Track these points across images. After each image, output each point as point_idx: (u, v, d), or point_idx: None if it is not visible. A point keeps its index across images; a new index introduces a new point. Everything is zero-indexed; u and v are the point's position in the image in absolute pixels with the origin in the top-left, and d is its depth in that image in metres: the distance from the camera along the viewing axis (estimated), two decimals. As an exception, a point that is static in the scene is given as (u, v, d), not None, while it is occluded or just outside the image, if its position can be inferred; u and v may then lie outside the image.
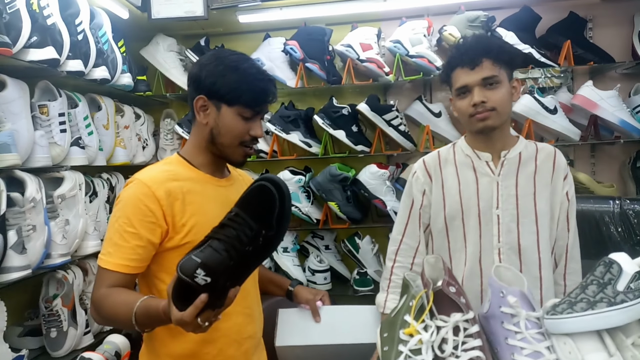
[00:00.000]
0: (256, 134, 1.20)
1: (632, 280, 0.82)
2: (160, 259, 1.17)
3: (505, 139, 1.40)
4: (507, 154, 1.39)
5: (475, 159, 1.42)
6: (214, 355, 1.19)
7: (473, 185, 1.40)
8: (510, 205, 1.36)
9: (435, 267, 1.06)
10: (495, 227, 1.37)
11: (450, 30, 2.33)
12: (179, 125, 2.52)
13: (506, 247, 1.36)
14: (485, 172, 1.40)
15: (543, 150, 1.42)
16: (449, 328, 0.88)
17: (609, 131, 2.38)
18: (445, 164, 1.46)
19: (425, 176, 1.48)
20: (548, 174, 1.39)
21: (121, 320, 1.07)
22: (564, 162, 1.42)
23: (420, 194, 1.48)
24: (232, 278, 0.86)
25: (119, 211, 1.14)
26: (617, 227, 2.04)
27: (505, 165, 1.38)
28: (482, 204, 1.38)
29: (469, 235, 1.40)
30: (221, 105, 1.18)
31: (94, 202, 2.01)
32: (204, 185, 1.22)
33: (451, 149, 1.48)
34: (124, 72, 2.22)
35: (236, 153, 1.21)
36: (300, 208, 2.44)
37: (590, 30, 2.45)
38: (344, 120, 2.40)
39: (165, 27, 2.49)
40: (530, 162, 1.40)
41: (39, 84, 1.82)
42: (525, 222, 1.36)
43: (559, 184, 1.39)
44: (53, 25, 1.74)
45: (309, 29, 2.45)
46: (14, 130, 1.61)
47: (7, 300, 1.59)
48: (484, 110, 1.31)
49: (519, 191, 1.37)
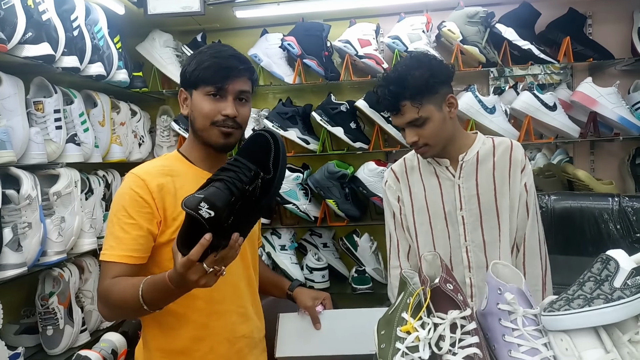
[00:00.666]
0: (226, 112, 1.17)
1: (629, 276, 0.81)
2: (154, 254, 1.17)
3: (459, 144, 1.45)
4: (465, 156, 1.44)
5: (436, 165, 1.48)
6: (205, 352, 1.19)
7: (437, 190, 1.46)
8: (473, 206, 1.43)
9: (432, 264, 1.05)
10: (461, 227, 1.44)
11: (450, 26, 2.32)
12: (175, 121, 2.51)
13: (472, 244, 1.44)
14: (446, 177, 1.46)
15: (500, 146, 1.46)
16: (446, 325, 0.88)
17: (608, 128, 2.37)
18: (411, 172, 1.53)
19: (396, 183, 1.54)
20: (505, 168, 1.43)
21: (129, 304, 1.05)
22: (520, 154, 1.45)
23: (396, 200, 1.55)
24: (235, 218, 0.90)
25: (116, 205, 1.15)
26: (615, 224, 2.03)
27: (464, 167, 1.44)
28: (447, 207, 1.45)
29: (437, 238, 1.47)
30: (191, 91, 1.21)
31: (89, 199, 2.00)
32: (200, 181, 1.19)
33: (415, 156, 1.53)
34: (120, 68, 2.21)
35: (212, 134, 1.19)
36: (298, 205, 2.43)
37: (590, 27, 2.44)
38: (342, 117, 2.39)
39: (162, 22, 2.48)
40: (488, 160, 1.44)
41: (34, 80, 1.81)
42: (487, 218, 1.43)
43: (517, 177, 1.43)
44: (48, 21, 1.73)
45: (307, 25, 2.43)
46: (9, 127, 1.60)
47: (3, 297, 1.58)
48: (417, 147, 1.40)
49: (480, 190, 1.43)
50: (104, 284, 1.10)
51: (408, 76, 1.33)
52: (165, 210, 1.15)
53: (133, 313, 1.17)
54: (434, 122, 1.36)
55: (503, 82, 2.58)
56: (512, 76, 2.57)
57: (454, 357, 0.84)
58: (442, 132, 1.39)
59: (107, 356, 1.85)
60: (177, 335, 1.18)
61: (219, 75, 1.17)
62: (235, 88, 1.19)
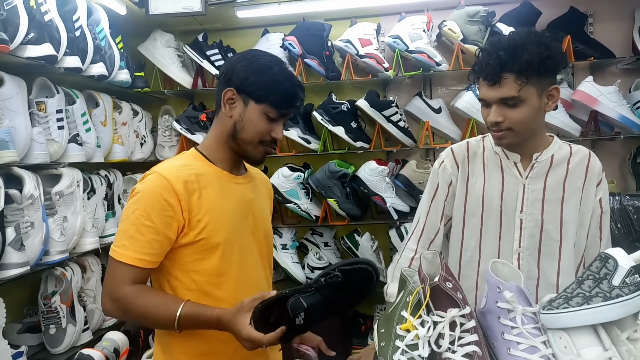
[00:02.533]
0: (277, 135, 1.20)
1: (628, 275, 0.81)
2: (174, 256, 1.15)
3: (537, 141, 1.31)
4: (539, 156, 1.31)
5: (503, 157, 1.34)
6: (230, 354, 1.18)
7: (498, 185, 1.33)
8: (536, 210, 1.30)
9: (432, 263, 1.05)
10: (517, 231, 1.31)
11: (450, 25, 2.33)
12: (177, 121, 2.51)
13: (526, 252, 1.31)
14: (512, 173, 1.32)
15: (577, 154, 1.33)
16: (446, 323, 0.88)
17: (609, 127, 2.37)
18: (473, 158, 1.38)
19: (453, 167, 1.39)
20: (580, 178, 1.31)
21: (158, 321, 1.10)
22: (598, 166, 1.33)
23: (447, 184, 1.40)
24: None
25: (136, 203, 1.12)
26: (616, 223, 2.04)
27: (535, 168, 1.31)
28: (505, 206, 1.32)
29: (485, 236, 1.35)
30: (249, 101, 1.18)
31: (92, 199, 2.01)
32: (221, 181, 1.21)
33: (481, 142, 1.40)
34: (122, 68, 2.22)
35: (256, 151, 1.21)
36: (299, 205, 2.44)
37: (591, 26, 2.44)
38: (343, 117, 2.40)
39: (163, 23, 2.48)
40: (562, 166, 1.31)
41: (37, 81, 1.82)
42: (550, 228, 1.30)
43: (591, 190, 1.31)
44: (50, 21, 1.74)
45: (308, 25, 2.44)
46: (11, 127, 1.61)
47: (6, 297, 1.59)
48: (498, 130, 1.25)
49: (546, 196, 1.30)
50: (124, 291, 1.09)
51: (524, 49, 1.17)
52: (191, 211, 1.13)
53: (155, 326, 1.19)
54: (529, 108, 1.21)
55: (504, 81, 2.57)
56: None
57: (454, 355, 0.85)
58: (531, 122, 1.24)
59: (110, 355, 1.86)
60: (203, 338, 1.16)
61: (289, 104, 1.20)
62: (290, 115, 1.24)
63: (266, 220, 1.32)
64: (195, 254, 1.15)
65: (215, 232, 1.15)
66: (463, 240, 1.38)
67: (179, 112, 2.61)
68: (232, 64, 1.21)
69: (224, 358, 1.19)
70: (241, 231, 1.21)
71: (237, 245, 1.19)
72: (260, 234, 1.27)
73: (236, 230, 1.20)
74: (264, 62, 1.19)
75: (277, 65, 1.19)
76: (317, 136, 2.47)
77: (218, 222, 1.15)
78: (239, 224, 1.21)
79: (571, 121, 2.31)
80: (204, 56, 2.46)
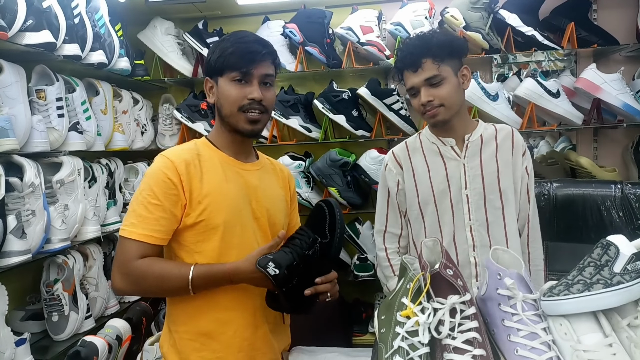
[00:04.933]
0: (252, 96, 1.20)
1: (629, 261, 0.81)
2: (179, 237, 1.19)
3: (465, 124, 1.49)
4: (470, 137, 1.48)
5: (440, 145, 1.50)
6: (230, 336, 1.21)
7: (442, 170, 1.48)
8: (477, 185, 1.46)
9: (433, 250, 1.05)
10: (465, 206, 1.46)
11: (452, 12, 2.30)
12: (177, 110, 2.50)
13: (476, 223, 1.46)
14: (451, 156, 1.48)
15: (502, 131, 1.51)
16: (446, 310, 0.88)
17: (612, 115, 2.36)
18: (413, 153, 1.54)
19: (396, 167, 1.55)
20: (508, 152, 1.48)
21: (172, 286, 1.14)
22: (521, 139, 1.51)
23: (396, 184, 1.56)
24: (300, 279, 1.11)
25: (144, 184, 1.18)
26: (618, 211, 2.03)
27: (470, 147, 1.47)
28: (452, 186, 1.47)
29: (442, 218, 1.48)
30: (217, 78, 1.23)
31: (93, 187, 2.01)
32: (225, 166, 1.24)
33: (417, 138, 1.56)
34: (122, 56, 2.20)
35: (239, 120, 1.22)
36: (300, 193, 2.43)
37: (595, 12, 2.42)
38: (344, 105, 2.38)
39: (163, 10, 2.46)
40: (491, 142, 1.48)
41: (36, 69, 1.81)
42: (491, 198, 1.45)
43: (518, 160, 1.48)
44: (49, 8, 1.72)
45: (309, 12, 2.41)
46: (11, 115, 1.60)
47: (9, 284, 1.60)
48: (431, 108, 1.40)
49: (484, 170, 1.46)
50: (134, 264, 1.12)
51: (432, 37, 1.41)
52: (192, 192, 1.17)
53: (170, 293, 1.21)
54: (450, 84, 1.39)
55: (506, 69, 2.56)
56: (516, 63, 2.55)
57: (453, 341, 0.85)
58: (456, 98, 1.42)
59: (112, 342, 1.87)
60: (202, 318, 1.20)
61: (243, 60, 1.19)
62: (260, 72, 1.21)
63: (275, 209, 1.32)
64: (197, 236, 1.18)
65: (215, 214, 1.18)
66: (425, 228, 1.51)
67: (180, 101, 2.60)
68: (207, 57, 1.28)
69: (225, 338, 1.21)
70: (243, 216, 1.22)
71: (238, 229, 1.21)
72: (264, 220, 1.27)
73: (237, 214, 1.21)
74: (220, 40, 1.25)
75: (230, 36, 1.24)
76: (318, 125, 2.46)
77: (218, 205, 1.18)
78: (241, 209, 1.22)
79: (574, 109, 2.29)
80: (204, 44, 2.44)
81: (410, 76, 1.42)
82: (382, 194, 1.59)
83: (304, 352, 1.55)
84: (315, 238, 1.13)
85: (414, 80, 1.41)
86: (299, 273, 1.10)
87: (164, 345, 1.26)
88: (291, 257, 1.09)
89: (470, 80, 1.48)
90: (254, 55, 1.20)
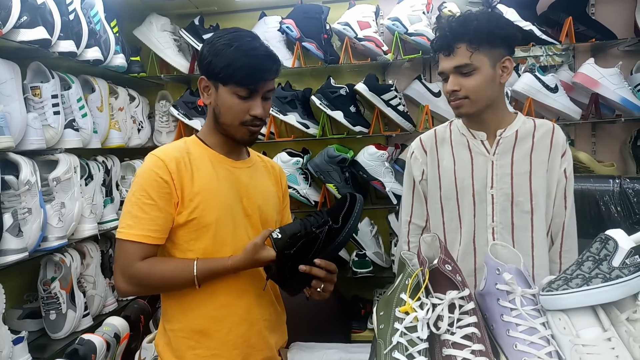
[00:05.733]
0: (256, 113, 1.17)
1: (628, 256, 0.81)
2: (172, 236, 1.19)
3: (499, 117, 1.37)
4: (503, 132, 1.37)
5: (470, 138, 1.40)
6: (225, 333, 1.21)
7: (468, 165, 1.39)
8: (505, 185, 1.35)
9: (431, 245, 1.05)
10: (489, 206, 1.37)
11: (450, 7, 2.29)
12: (174, 107, 2.49)
13: (500, 226, 1.36)
14: (480, 152, 1.38)
15: (541, 127, 1.39)
16: (445, 305, 0.88)
17: (610, 110, 2.35)
18: (441, 143, 1.45)
19: (422, 155, 1.47)
20: (545, 151, 1.36)
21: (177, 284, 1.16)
22: (562, 138, 1.38)
23: (420, 172, 1.48)
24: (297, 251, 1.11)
25: (135, 185, 1.16)
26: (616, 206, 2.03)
27: (501, 144, 1.37)
28: (477, 184, 1.37)
29: (463, 215, 1.39)
30: (218, 84, 1.17)
31: (89, 185, 2.00)
32: (216, 164, 1.23)
33: (447, 128, 1.47)
34: (117, 52, 2.19)
35: (239, 132, 1.20)
36: (298, 190, 2.43)
37: (593, 7, 2.41)
38: (342, 101, 2.37)
39: (159, 6, 2.45)
40: (527, 140, 1.37)
41: (31, 65, 1.80)
42: (520, 201, 1.35)
43: (556, 161, 1.36)
44: (43, 4, 1.71)
45: (306, 7, 2.40)
46: (6, 112, 1.59)
47: (6, 283, 1.59)
48: (456, 99, 1.31)
49: (514, 170, 1.35)
50: (137, 267, 1.12)
51: (474, 20, 1.28)
52: (183, 190, 1.16)
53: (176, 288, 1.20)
54: (482, 76, 1.28)
55: (504, 64, 2.55)
56: (514, 58, 2.54)
57: (452, 336, 0.85)
58: (486, 91, 1.30)
59: (110, 340, 1.87)
60: (197, 315, 1.20)
61: (252, 77, 1.14)
62: (265, 89, 1.18)
63: (267, 206, 1.31)
64: (189, 234, 1.18)
65: (207, 212, 1.17)
66: (444, 223, 1.43)
67: (176, 98, 2.59)
68: (201, 50, 1.21)
69: (220, 336, 1.21)
70: (235, 213, 1.22)
71: (230, 227, 1.20)
72: (255, 218, 1.26)
73: (229, 212, 1.20)
74: (224, 42, 1.15)
75: (236, 41, 1.15)
76: (315, 121, 2.45)
77: (210, 203, 1.17)
78: (232, 206, 1.21)
79: (572, 104, 2.29)
80: (200, 40, 2.42)
81: (442, 59, 1.32)
82: (408, 182, 1.51)
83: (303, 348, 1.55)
84: (327, 220, 1.13)
85: (444, 65, 1.31)
86: (300, 246, 1.10)
87: (159, 344, 1.26)
88: (297, 227, 1.11)
89: (511, 74, 1.33)
90: (263, 74, 1.16)
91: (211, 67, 1.16)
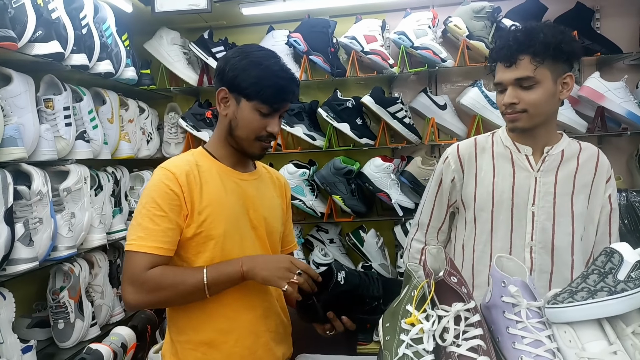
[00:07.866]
0: (272, 130, 1.21)
1: (633, 269, 0.81)
2: (180, 249, 1.19)
3: (549, 134, 1.33)
4: (551, 149, 1.33)
5: (514, 151, 1.35)
6: (232, 345, 1.21)
7: (509, 179, 1.34)
8: (547, 203, 1.31)
9: (437, 257, 1.06)
10: (529, 224, 1.32)
11: (456, 21, 2.32)
12: (182, 118, 2.53)
13: (539, 246, 1.31)
14: (523, 166, 1.34)
15: (586, 150, 1.36)
16: (450, 317, 0.88)
17: (616, 123, 2.36)
18: (481, 152, 1.40)
19: (456, 163, 1.41)
20: (589, 174, 1.33)
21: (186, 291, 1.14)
22: (607, 163, 1.35)
23: (450, 180, 1.43)
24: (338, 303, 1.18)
25: (146, 197, 1.17)
26: (623, 219, 2.03)
27: (547, 161, 1.32)
28: (517, 199, 1.32)
29: (497, 230, 1.34)
30: (241, 98, 1.20)
31: (99, 195, 2.03)
32: (224, 177, 1.24)
33: (489, 138, 1.42)
34: (128, 65, 2.23)
35: (252, 147, 1.23)
36: (304, 201, 2.44)
37: (598, 21, 2.43)
38: (349, 113, 2.40)
39: (169, 20, 2.49)
40: (572, 161, 1.33)
41: (44, 78, 1.84)
42: (562, 221, 1.30)
43: (600, 186, 1.33)
44: (57, 19, 1.75)
45: (313, 21, 2.44)
46: (19, 124, 1.62)
47: (16, 291, 1.61)
48: (513, 112, 1.26)
49: (558, 189, 1.31)
50: (146, 275, 1.11)
51: (540, 32, 1.22)
52: (193, 203, 1.17)
53: (185, 300, 1.18)
54: (543, 90, 1.23)
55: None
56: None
57: (458, 348, 0.85)
58: (545, 106, 1.25)
59: (117, 350, 1.87)
60: (204, 328, 1.20)
61: (277, 98, 1.19)
62: (284, 109, 1.23)
63: (272, 217, 1.32)
64: (197, 247, 1.19)
65: (215, 225, 1.18)
66: (475, 235, 1.39)
67: (185, 110, 2.62)
68: (224, 62, 1.22)
69: (227, 347, 1.21)
70: (242, 226, 1.23)
71: (237, 239, 1.22)
72: (261, 230, 1.28)
73: (236, 224, 1.22)
74: (253, 59, 1.19)
75: (265, 60, 1.19)
76: (322, 133, 2.47)
77: (218, 216, 1.18)
78: (239, 219, 1.23)
79: (577, 117, 2.30)
80: (209, 53, 2.46)
81: (501, 70, 1.26)
82: (434, 186, 1.47)
83: None
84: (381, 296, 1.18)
85: (504, 77, 1.25)
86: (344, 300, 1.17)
87: (165, 355, 1.26)
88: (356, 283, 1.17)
89: (571, 91, 1.29)
90: (288, 95, 1.21)
91: (237, 81, 1.19)
